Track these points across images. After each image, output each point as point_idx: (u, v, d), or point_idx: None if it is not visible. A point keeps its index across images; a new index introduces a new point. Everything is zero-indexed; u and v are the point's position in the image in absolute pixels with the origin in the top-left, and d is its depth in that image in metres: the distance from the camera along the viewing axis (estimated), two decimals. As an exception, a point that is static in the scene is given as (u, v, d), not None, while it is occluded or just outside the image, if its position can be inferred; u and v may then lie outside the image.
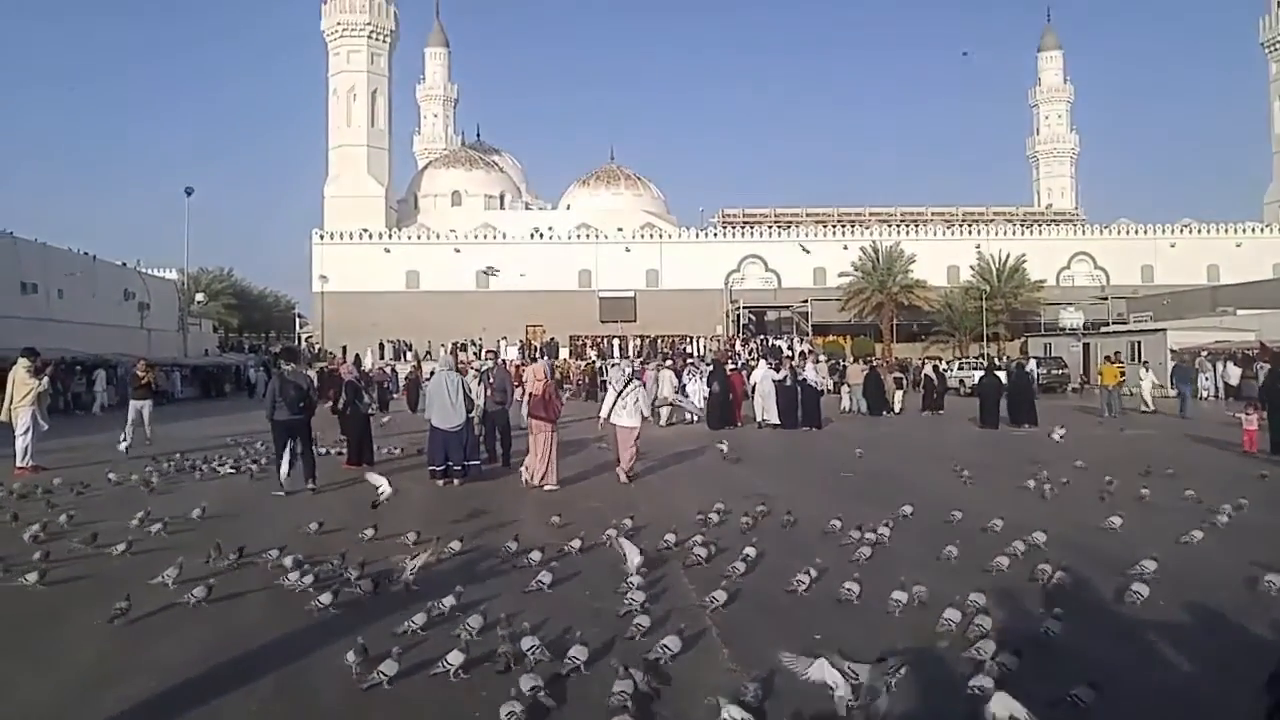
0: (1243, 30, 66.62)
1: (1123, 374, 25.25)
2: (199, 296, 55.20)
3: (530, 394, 11.39)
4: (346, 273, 55.22)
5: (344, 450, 13.65)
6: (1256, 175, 66.74)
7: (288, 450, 10.60)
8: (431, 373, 31.70)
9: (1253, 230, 60.34)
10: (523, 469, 11.44)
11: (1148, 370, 26.38)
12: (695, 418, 21.07)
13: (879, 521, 7.82)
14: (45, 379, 13.63)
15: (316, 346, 52.29)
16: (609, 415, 11.95)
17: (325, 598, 5.56)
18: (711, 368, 22.43)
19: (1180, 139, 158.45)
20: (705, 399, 21.27)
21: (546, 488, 10.84)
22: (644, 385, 13.01)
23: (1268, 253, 57.19)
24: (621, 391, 11.96)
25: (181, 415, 24.96)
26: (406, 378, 30.82)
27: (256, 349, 57.29)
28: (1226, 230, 60.05)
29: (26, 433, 12.79)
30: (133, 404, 16.87)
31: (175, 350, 40.40)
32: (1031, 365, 33.00)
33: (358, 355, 41.56)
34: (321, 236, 56.69)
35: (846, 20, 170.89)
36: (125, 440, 15.23)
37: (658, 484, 11.74)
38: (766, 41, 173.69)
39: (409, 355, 48.34)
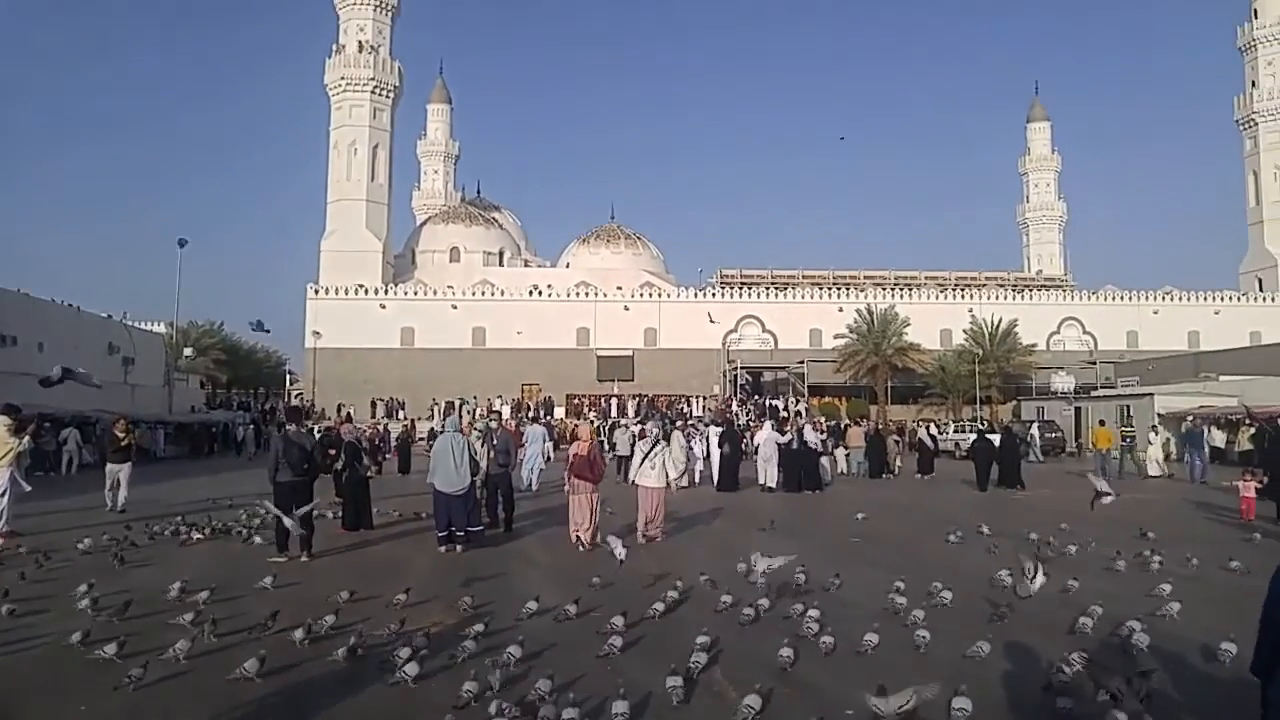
0: (1222, 107, 68.44)
1: (1129, 438, 25.26)
2: (187, 351, 54.71)
3: (575, 454, 11.41)
4: (340, 328, 54.99)
5: (340, 513, 13.28)
6: (1233, 245, 67.96)
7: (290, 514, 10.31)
8: (431, 431, 31.24)
9: (1230, 298, 61.42)
10: (573, 532, 11.28)
11: (1158, 434, 26.30)
12: (688, 480, 20.84)
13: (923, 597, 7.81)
14: (27, 438, 12.90)
15: (308, 404, 51.84)
16: (636, 475, 11.91)
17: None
18: (723, 428, 22.32)
19: (1162, 209, 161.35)
20: (705, 460, 21.12)
21: (595, 546, 10.94)
22: (670, 447, 12.84)
23: (1244, 320, 57.95)
24: (649, 452, 11.93)
25: (165, 475, 23.95)
26: (399, 437, 30.26)
27: (246, 405, 56.71)
28: (1206, 298, 61.02)
29: (4, 495, 12.01)
30: (110, 467, 15.61)
31: (160, 406, 39.67)
32: (1034, 430, 33.25)
33: (349, 413, 41.33)
34: (316, 291, 56.58)
35: (843, 89, 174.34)
36: (108, 505, 14.85)
37: (684, 547, 11.55)
38: (764, 106, 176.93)
39: (402, 414, 48.03)
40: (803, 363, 52.62)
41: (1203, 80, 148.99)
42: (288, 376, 72.07)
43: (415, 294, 57.78)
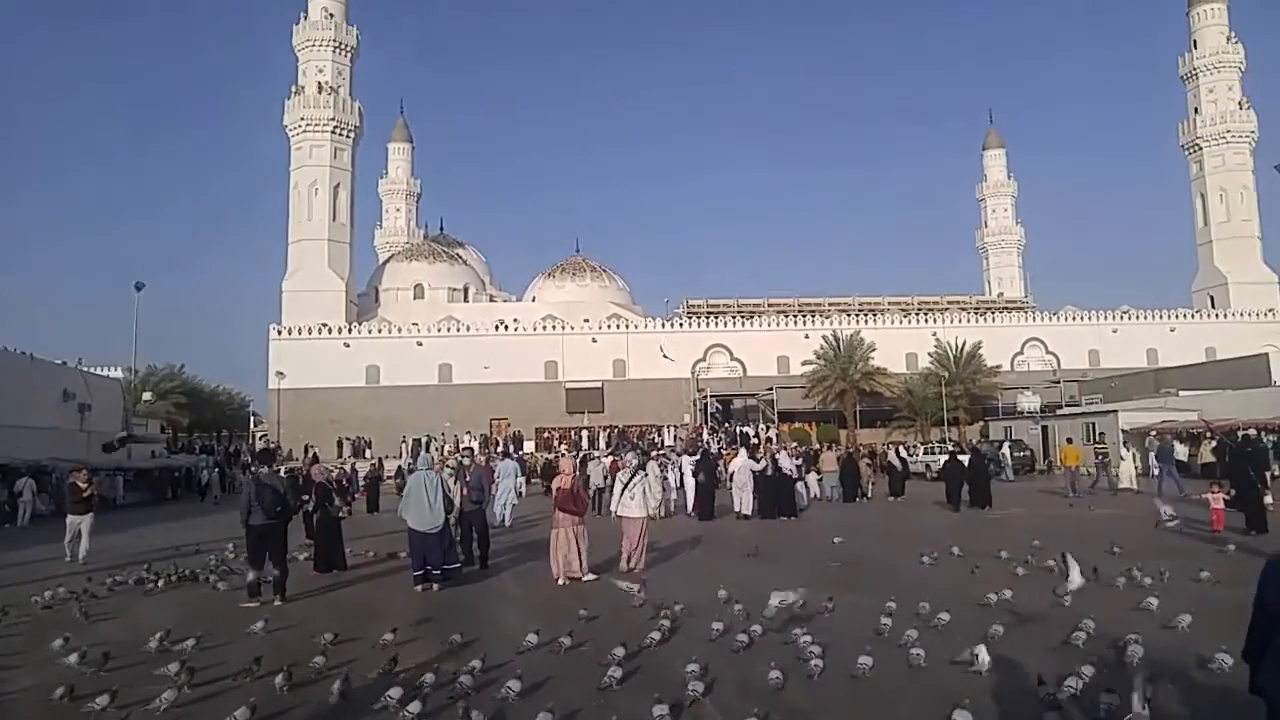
0: (1168, 133, 70.41)
1: (1104, 455, 25.54)
2: (146, 395, 53.73)
3: (558, 488, 11.47)
4: (304, 369, 54.28)
5: (311, 555, 13.00)
6: (1185, 265, 69.76)
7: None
8: (398, 470, 30.83)
9: (1185, 316, 62.82)
10: (552, 563, 11.20)
11: (1129, 450, 26.68)
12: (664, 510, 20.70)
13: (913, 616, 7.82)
14: None
15: (273, 445, 51.02)
16: (617, 507, 11.92)
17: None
18: (698, 457, 22.20)
19: (1116, 231, 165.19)
20: (679, 489, 21.00)
21: (586, 579, 10.92)
22: (648, 476, 12.85)
23: (1199, 337, 59.15)
24: (629, 483, 11.94)
25: (126, 523, 23.19)
26: (367, 476, 29.89)
27: (209, 449, 55.70)
28: (1162, 316, 62.30)
29: None
30: (70, 519, 15.02)
31: (117, 454, 38.80)
32: (1005, 449, 33.65)
33: (315, 454, 40.65)
34: (279, 332, 55.90)
35: (801, 118, 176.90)
36: (68, 556, 14.35)
37: (669, 577, 11.43)
38: (726, 137, 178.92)
39: (369, 452, 47.41)
40: (771, 390, 52.79)
41: (1151, 107, 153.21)
42: (251, 418, 71.02)
43: (380, 332, 57.31)
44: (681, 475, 22.31)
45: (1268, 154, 65.21)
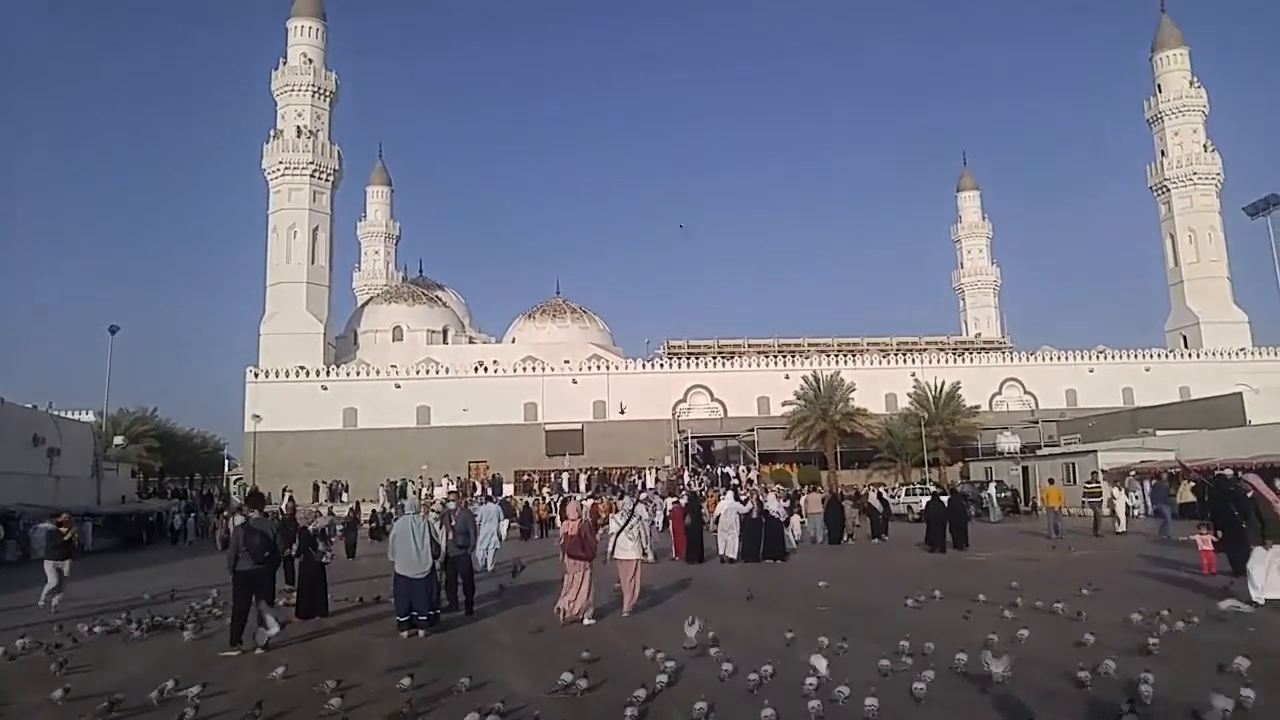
0: (1138, 174, 71.94)
1: (1096, 494, 25.48)
2: (117, 439, 52.90)
3: (565, 534, 11.54)
4: (281, 411, 53.76)
5: (293, 601, 12.70)
6: (1159, 305, 70.95)
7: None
8: (373, 514, 30.52)
9: (1159, 355, 63.56)
10: (559, 607, 11.26)
11: (1122, 489, 26.61)
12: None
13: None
14: None
15: (246, 488, 50.25)
16: (614, 549, 11.99)
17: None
18: (687, 500, 22.04)
19: (1090, 271, 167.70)
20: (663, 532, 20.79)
21: (586, 621, 10.99)
22: (641, 520, 12.96)
23: (1173, 376, 59.70)
24: (625, 525, 12.00)
25: (97, 569, 22.43)
26: (344, 521, 29.39)
27: (181, 493, 54.79)
28: (1136, 356, 63.04)
29: None
30: (50, 564, 14.54)
31: (87, 498, 37.99)
32: (991, 490, 33.71)
33: (291, 496, 40.02)
34: (256, 375, 55.40)
35: (781, 160, 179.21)
36: (43, 603, 13.90)
37: (665, 620, 11.26)
38: (705, 179, 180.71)
39: (345, 496, 46.82)
40: (753, 430, 52.76)
41: (1122, 147, 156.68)
42: (226, 462, 70.03)
43: (358, 374, 56.90)
44: (665, 517, 22.16)
45: (1234, 195, 66.89)
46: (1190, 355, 63.09)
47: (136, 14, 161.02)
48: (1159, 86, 69.66)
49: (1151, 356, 63.15)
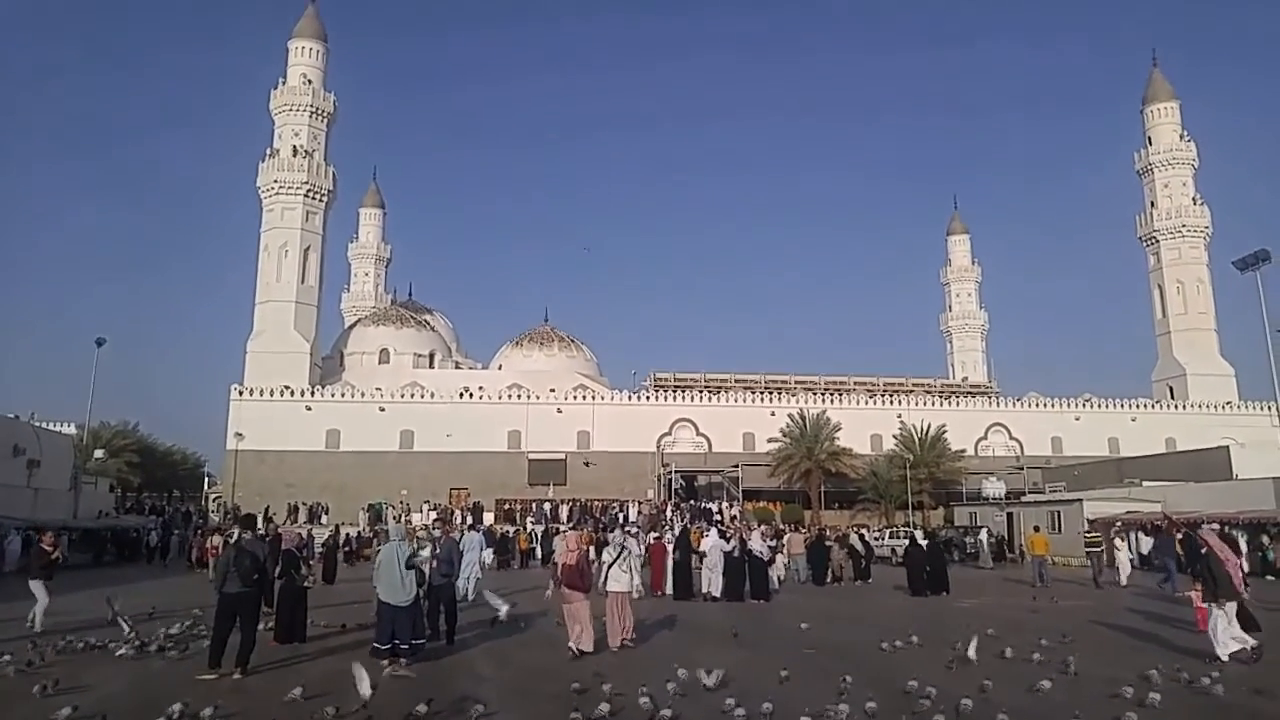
0: (1127, 224, 72.75)
1: (1097, 544, 25.14)
2: (98, 453, 52.25)
3: (564, 564, 11.43)
4: (264, 430, 53.21)
5: (271, 625, 12.40)
6: (1146, 354, 71.40)
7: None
8: (353, 537, 29.95)
9: (1145, 406, 63.77)
10: (571, 646, 11.15)
11: (1125, 541, 26.09)
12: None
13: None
14: None
15: (227, 508, 49.64)
16: (604, 582, 11.96)
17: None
18: (678, 535, 21.86)
19: (1078, 318, 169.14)
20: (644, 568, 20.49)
21: (585, 650, 11.01)
22: (631, 554, 12.93)
23: (1159, 427, 59.90)
24: (615, 560, 12.02)
25: (69, 585, 22.10)
26: (324, 544, 28.90)
27: (159, 510, 54.05)
28: (1122, 405, 63.23)
29: None
30: (39, 584, 14.02)
31: (64, 512, 37.35)
32: (983, 536, 33.58)
33: (271, 518, 39.49)
34: (240, 392, 54.91)
35: (773, 197, 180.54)
36: (30, 622, 13.48)
37: (652, 655, 11.25)
38: (696, 214, 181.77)
39: (324, 518, 46.28)
40: (737, 466, 52.55)
41: (1110, 198, 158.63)
42: (206, 479, 69.28)
43: (342, 395, 56.44)
44: (645, 553, 21.91)
45: (1222, 248, 67.67)
46: (1176, 407, 63.36)
47: (130, 33, 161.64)
48: (1149, 138, 70.67)
49: (1138, 406, 63.40)
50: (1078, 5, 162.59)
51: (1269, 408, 53.18)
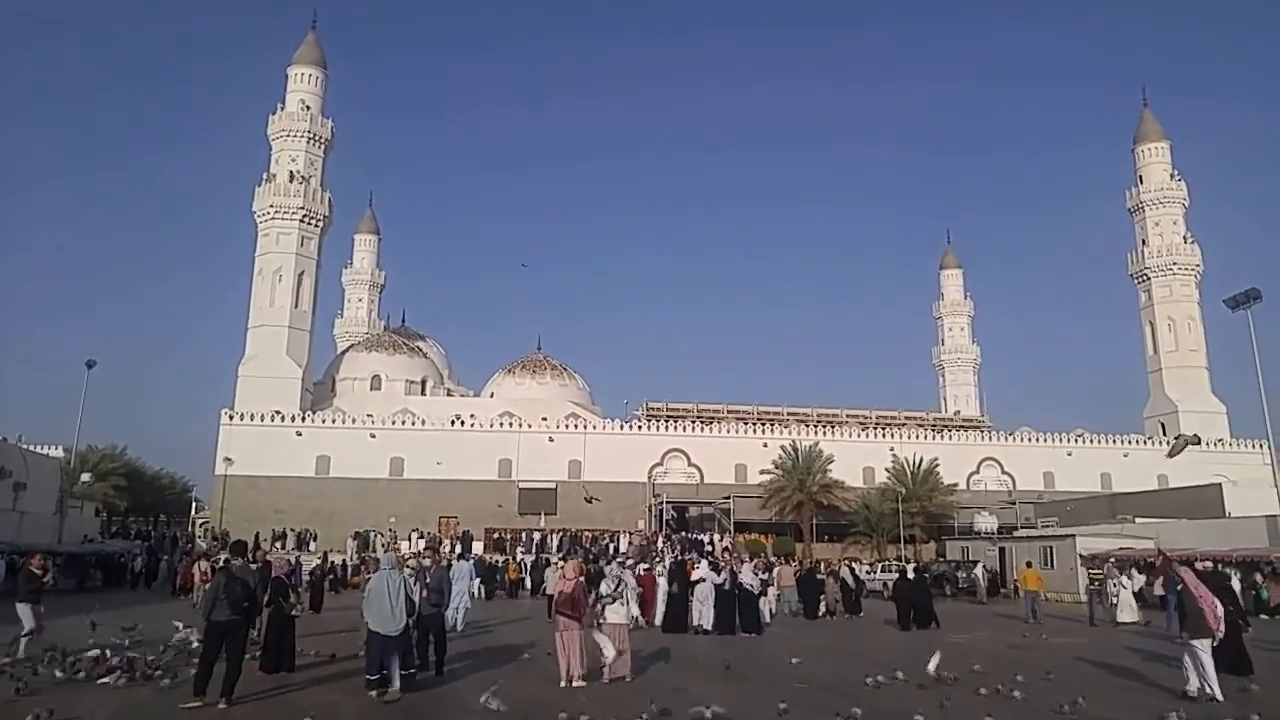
0: (1120, 261, 73.18)
1: (1099, 581, 24.79)
2: (85, 476, 51.76)
3: (560, 591, 11.48)
4: (254, 455, 52.86)
5: (258, 654, 12.17)
6: (1138, 391, 71.60)
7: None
8: (342, 564, 29.66)
9: (1137, 442, 63.96)
10: (560, 664, 11.20)
11: (1131, 578, 25.68)
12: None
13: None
14: None
15: (215, 533, 49.16)
16: (603, 613, 11.97)
17: None
18: (672, 566, 21.71)
19: (1071, 354, 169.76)
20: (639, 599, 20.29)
21: (575, 684, 10.93)
22: (630, 587, 12.98)
23: (1151, 464, 59.95)
24: (614, 592, 12.07)
25: (54, 611, 21.81)
26: (312, 572, 28.55)
27: (145, 534, 53.50)
28: (1114, 441, 63.45)
29: None
30: (26, 607, 13.78)
31: (50, 536, 36.90)
32: (979, 571, 33.41)
33: (261, 544, 39.16)
34: (231, 417, 54.60)
35: (767, 229, 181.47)
36: (20, 646, 13.16)
37: (645, 688, 11.06)
38: (691, 244, 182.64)
39: (313, 545, 45.87)
40: (729, 498, 52.33)
41: (1103, 234, 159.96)
42: (194, 504, 68.68)
43: (333, 422, 56.15)
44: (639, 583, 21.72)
45: (1213, 287, 68.01)
46: (1169, 443, 63.31)
47: (126, 51, 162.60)
48: (1140, 177, 71.32)
49: (1130, 442, 63.56)
50: (1071, 43, 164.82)
51: (1261, 445, 53.52)
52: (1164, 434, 65.45)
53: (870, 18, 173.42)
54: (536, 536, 47.66)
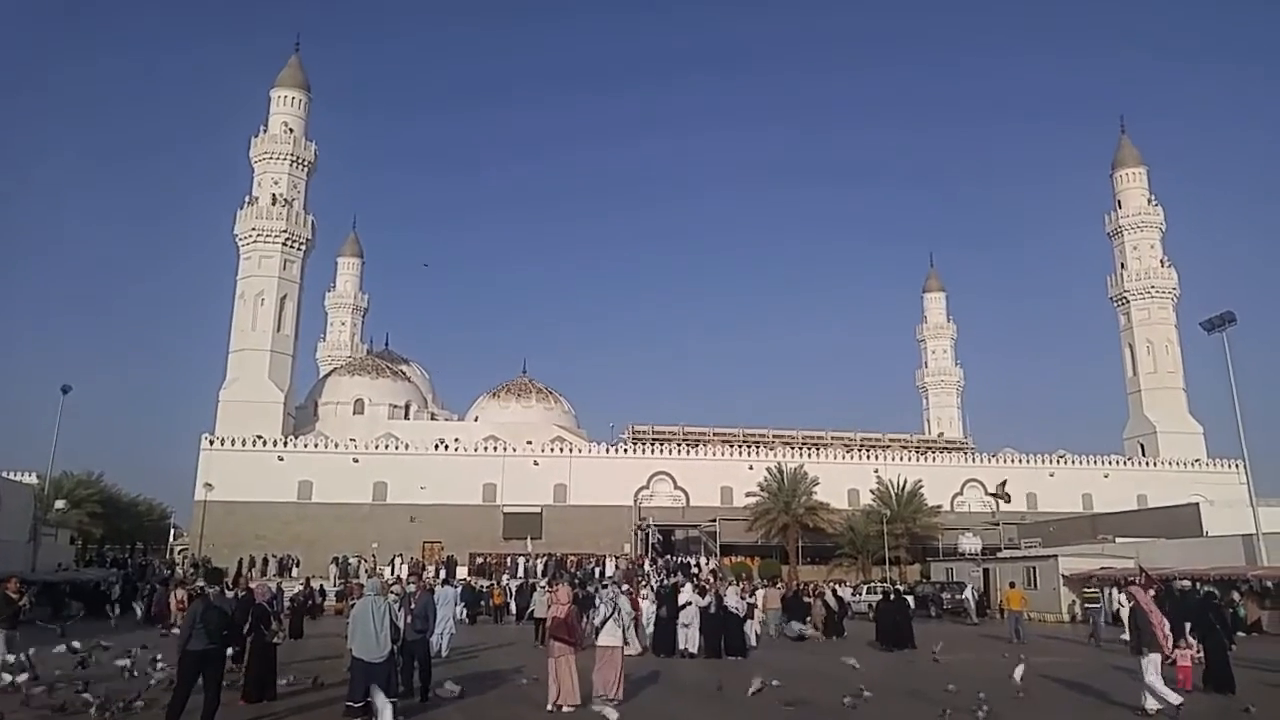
0: (1099, 283, 74.10)
1: (1094, 601, 24.97)
2: (59, 503, 50.99)
3: (554, 617, 11.41)
4: (234, 481, 52.26)
5: (240, 683, 12.00)
6: (1118, 411, 72.31)
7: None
8: (317, 590, 29.31)
9: (1117, 463, 64.53)
10: (551, 698, 11.07)
11: (1128, 596, 25.70)
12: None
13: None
14: None
15: (194, 560, 48.55)
16: (599, 637, 11.87)
17: None
18: (666, 590, 21.65)
19: (1053, 376, 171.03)
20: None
21: (565, 709, 10.87)
22: (623, 611, 12.93)
23: (1131, 484, 60.66)
24: (609, 616, 11.99)
25: (27, 640, 21.41)
26: (293, 598, 28.24)
27: (120, 562, 52.71)
28: (1095, 462, 63.92)
29: None
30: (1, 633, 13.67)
31: (23, 564, 36.29)
32: (969, 593, 33.50)
33: (244, 572, 38.66)
34: (211, 442, 54.05)
35: (752, 254, 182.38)
36: (9, 678, 12.86)
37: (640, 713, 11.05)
38: (677, 271, 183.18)
39: (295, 571, 45.37)
40: (715, 521, 52.23)
41: (1084, 255, 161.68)
42: (172, 531, 67.81)
43: (315, 446, 55.68)
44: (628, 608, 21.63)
45: (1190, 309, 68.99)
46: (1148, 464, 64.04)
47: (111, 71, 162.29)
48: (1119, 202, 72.39)
49: (1110, 463, 64.08)
50: (1050, 69, 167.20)
51: (1237, 465, 54.06)
52: (1143, 454, 66.10)
53: (850, 67, 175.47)
54: (521, 560, 47.36)
